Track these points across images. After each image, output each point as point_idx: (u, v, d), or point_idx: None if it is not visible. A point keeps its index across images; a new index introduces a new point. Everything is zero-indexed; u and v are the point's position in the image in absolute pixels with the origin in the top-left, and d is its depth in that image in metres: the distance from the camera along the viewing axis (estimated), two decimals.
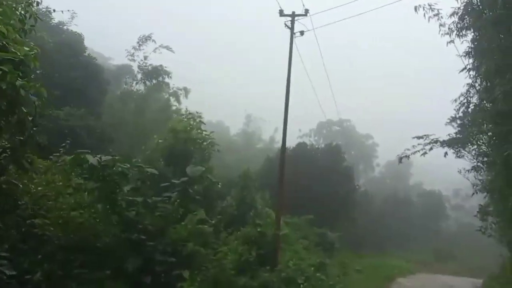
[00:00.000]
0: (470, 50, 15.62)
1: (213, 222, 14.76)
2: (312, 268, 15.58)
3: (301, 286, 13.08)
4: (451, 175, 76.88)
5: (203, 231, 13.70)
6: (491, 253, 50.98)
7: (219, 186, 19.45)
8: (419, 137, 18.29)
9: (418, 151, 17.27)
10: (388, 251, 39.67)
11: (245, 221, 18.17)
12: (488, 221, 33.94)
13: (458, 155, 25.17)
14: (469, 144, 22.44)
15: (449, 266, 40.96)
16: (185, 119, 20.39)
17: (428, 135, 18.40)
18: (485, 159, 23.11)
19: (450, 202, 63.90)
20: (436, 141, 18.39)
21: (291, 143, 36.88)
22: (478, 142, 21.14)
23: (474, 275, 36.20)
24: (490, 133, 14.10)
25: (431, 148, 18.14)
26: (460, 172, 32.02)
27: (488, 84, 13.16)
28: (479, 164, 24.89)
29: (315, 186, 32.62)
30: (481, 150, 22.16)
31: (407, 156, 17.15)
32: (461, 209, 65.86)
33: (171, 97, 34.96)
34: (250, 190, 22.01)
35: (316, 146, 37.53)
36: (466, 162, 27.22)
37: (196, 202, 15.30)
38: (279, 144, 40.00)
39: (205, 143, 20.01)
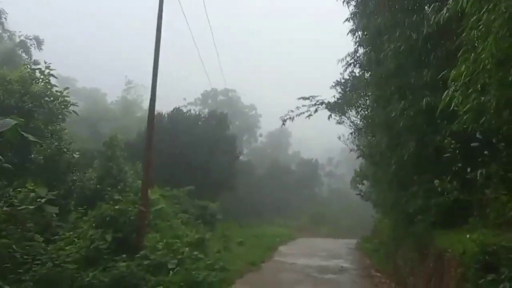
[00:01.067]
0: (356, 10, 14.75)
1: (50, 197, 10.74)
2: (187, 248, 13.40)
3: (172, 271, 10.74)
4: (325, 144, 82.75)
5: (43, 211, 10.35)
6: (359, 215, 56.41)
7: (75, 155, 15.81)
8: (304, 98, 17.16)
9: (303, 112, 16.03)
10: (270, 219, 40.04)
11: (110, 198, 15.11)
12: (365, 185, 36.43)
13: (339, 121, 25.53)
14: (349, 109, 22.58)
15: (324, 230, 43.39)
16: (28, 71, 15.94)
17: (314, 96, 17.38)
18: (365, 122, 23.91)
19: (325, 169, 68.11)
20: (322, 103, 17.46)
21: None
22: (360, 106, 21.38)
23: (347, 236, 38.85)
24: (373, 96, 13.29)
25: (316, 110, 17.18)
26: (340, 138, 33.13)
27: (377, 42, 12.16)
28: (359, 128, 25.70)
29: (197, 156, 30.40)
30: (361, 114, 22.63)
31: (291, 118, 15.76)
32: (333, 175, 71.04)
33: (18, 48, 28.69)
34: (117, 160, 18.78)
35: (196, 113, 34.68)
36: (344, 129, 27.97)
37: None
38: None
39: (55, 102, 15.95)
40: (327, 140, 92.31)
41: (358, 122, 24.39)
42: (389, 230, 12.88)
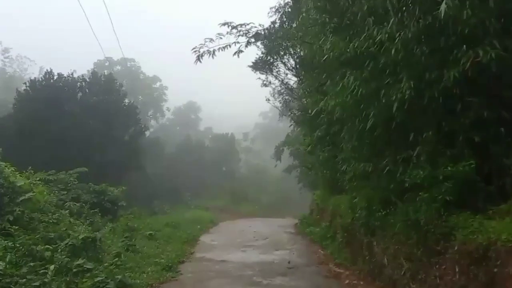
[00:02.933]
0: None
1: None
2: (65, 257, 8.81)
3: None
4: (237, 119, 79.56)
5: None
6: (280, 192, 54.65)
7: None
8: (230, 26, 12.67)
9: (229, 45, 11.50)
10: (186, 202, 35.71)
11: None
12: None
13: (265, 81, 21.86)
14: (277, 60, 19.07)
15: (246, 208, 40.39)
16: None
17: (245, 24, 13.03)
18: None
19: (241, 145, 65.05)
20: (257, 34, 13.28)
21: None
22: (291, 58, 18.01)
23: (273, 215, 36.27)
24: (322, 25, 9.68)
25: (248, 43, 12.93)
26: (268, 100, 29.92)
27: None
28: (290, 88, 22.37)
29: (88, 131, 24.65)
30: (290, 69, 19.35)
31: (211, 52, 11.01)
32: (250, 151, 68.45)
33: None
34: None
35: (75, 77, 27.64)
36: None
37: None
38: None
39: None
40: (239, 115, 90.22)
41: (290, 79, 21.29)
42: (351, 210, 9.73)
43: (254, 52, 19.00)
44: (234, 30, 12.36)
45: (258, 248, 13.50)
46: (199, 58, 10.77)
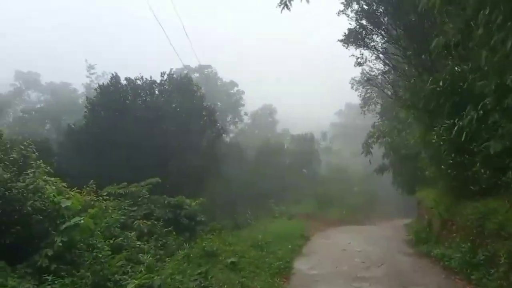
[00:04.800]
0: None
1: None
2: None
3: None
4: (313, 121, 75.50)
5: None
6: (364, 192, 49.48)
7: None
8: None
9: None
10: (270, 210, 32.52)
11: None
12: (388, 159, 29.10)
13: (359, 60, 17.78)
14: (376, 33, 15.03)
15: (333, 214, 36.15)
16: None
17: None
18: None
19: (320, 145, 60.81)
20: None
21: None
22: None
23: (362, 221, 31.74)
24: None
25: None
26: (352, 85, 25.64)
27: None
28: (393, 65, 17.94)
29: (163, 136, 22.53)
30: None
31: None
32: (330, 151, 63.86)
33: None
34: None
35: (147, 80, 25.14)
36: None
37: None
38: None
39: None
40: (315, 117, 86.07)
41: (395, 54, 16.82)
42: None
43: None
44: None
45: (377, 285, 9.55)
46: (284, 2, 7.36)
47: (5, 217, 9.19)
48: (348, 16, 14.60)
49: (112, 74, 23.86)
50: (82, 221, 9.53)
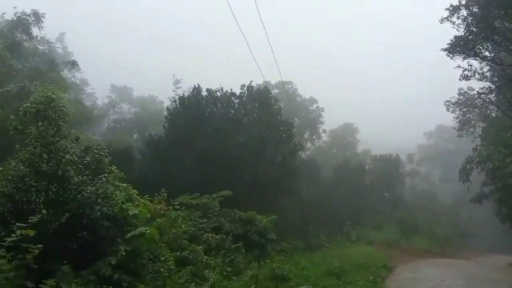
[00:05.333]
0: None
1: None
2: None
3: None
4: (397, 143, 71.06)
5: None
6: (455, 222, 44.62)
7: None
8: None
9: None
10: (346, 232, 30.44)
11: None
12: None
13: (467, 72, 15.59)
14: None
15: (419, 243, 32.79)
16: None
17: None
18: None
19: (405, 168, 56.57)
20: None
21: None
22: None
23: (457, 254, 28.22)
24: None
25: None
26: (448, 107, 23.20)
27: None
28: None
29: (235, 150, 22.10)
30: None
31: None
32: (416, 175, 59.25)
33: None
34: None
35: (226, 92, 24.75)
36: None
37: None
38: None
39: None
40: (400, 138, 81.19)
41: None
42: None
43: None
44: None
45: None
46: None
47: (74, 221, 9.05)
48: (453, 24, 12.79)
49: (194, 86, 24.25)
50: (147, 231, 9.06)
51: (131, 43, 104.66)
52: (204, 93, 24.04)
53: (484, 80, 18.41)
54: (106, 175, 10.77)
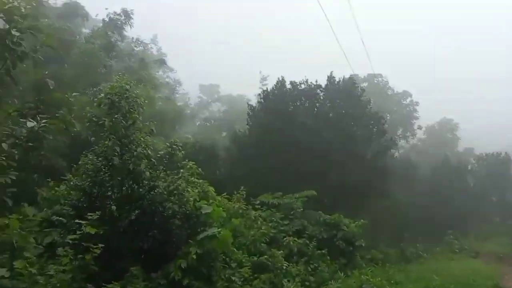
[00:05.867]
0: None
1: None
2: None
3: None
4: (505, 136, 62.56)
5: None
6: None
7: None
8: None
9: None
10: (447, 242, 27.10)
11: None
12: None
13: None
14: None
15: None
16: None
17: None
18: None
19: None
20: None
21: None
22: None
23: None
24: None
25: None
26: None
27: None
28: None
29: (320, 146, 20.59)
30: None
31: None
32: None
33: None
34: None
35: (311, 84, 23.02)
36: None
37: None
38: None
39: None
40: (508, 134, 71.14)
41: None
42: None
43: None
44: None
45: None
46: None
47: (145, 219, 8.56)
48: None
49: (278, 78, 23.26)
50: (220, 232, 8.22)
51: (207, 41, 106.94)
52: (288, 86, 22.93)
53: None
54: (181, 170, 10.24)
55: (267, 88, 23.33)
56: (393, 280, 11.66)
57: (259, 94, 23.29)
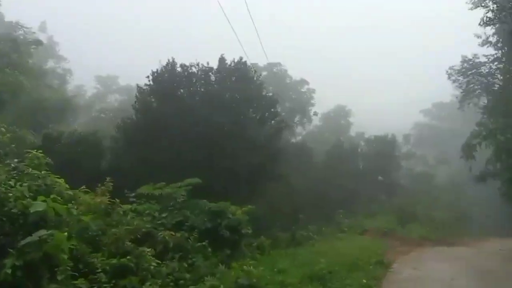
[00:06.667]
0: None
1: None
2: None
3: None
4: (391, 124, 68.65)
5: None
6: (453, 206, 42.49)
7: None
8: None
9: None
10: (337, 222, 28.10)
11: None
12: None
13: None
14: None
15: (415, 231, 30.46)
16: None
17: None
18: None
19: (400, 150, 54.03)
20: None
21: None
22: None
23: (451, 241, 26.00)
24: None
25: None
26: (450, 76, 20.96)
27: None
28: None
29: (211, 131, 19.49)
30: None
31: None
32: (412, 157, 56.85)
33: None
34: None
35: (202, 66, 21.61)
36: None
37: None
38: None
39: None
40: (393, 116, 78.42)
41: None
42: None
43: None
44: None
45: None
46: None
47: None
48: None
49: (169, 60, 21.38)
50: (50, 236, 6.48)
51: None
52: (178, 69, 21.24)
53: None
54: (15, 160, 8.16)
55: (156, 69, 21.32)
56: (276, 268, 10.94)
57: (147, 76, 21.22)
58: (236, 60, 21.37)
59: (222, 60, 21.40)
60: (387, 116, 79.72)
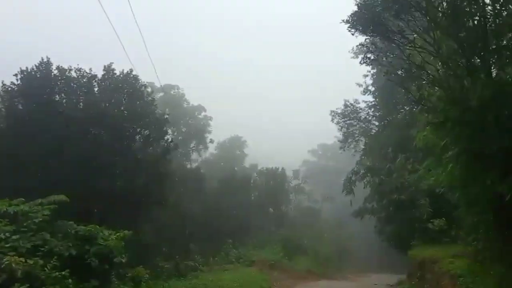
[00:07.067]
0: None
1: None
2: None
3: None
4: (286, 159, 71.53)
5: None
6: (336, 242, 44.77)
7: None
8: None
9: None
10: (226, 251, 26.99)
11: None
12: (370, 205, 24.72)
13: (370, 51, 13.22)
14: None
15: (302, 264, 30.90)
16: None
17: None
18: None
19: (290, 184, 55.85)
20: None
21: None
22: None
23: (334, 274, 26.83)
24: None
25: None
26: (333, 118, 21.63)
27: None
28: None
29: (90, 147, 17.29)
30: None
31: None
32: (301, 192, 59.06)
33: None
34: None
35: (84, 73, 18.93)
36: None
37: None
38: None
39: None
40: (284, 154, 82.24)
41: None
42: None
43: None
44: None
45: None
46: None
47: None
48: None
49: (42, 58, 18.44)
50: None
51: None
52: (55, 71, 18.56)
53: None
54: None
55: (26, 68, 18.26)
56: None
57: (15, 74, 18.08)
58: (125, 72, 19.46)
59: (108, 69, 19.28)
60: (281, 152, 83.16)
